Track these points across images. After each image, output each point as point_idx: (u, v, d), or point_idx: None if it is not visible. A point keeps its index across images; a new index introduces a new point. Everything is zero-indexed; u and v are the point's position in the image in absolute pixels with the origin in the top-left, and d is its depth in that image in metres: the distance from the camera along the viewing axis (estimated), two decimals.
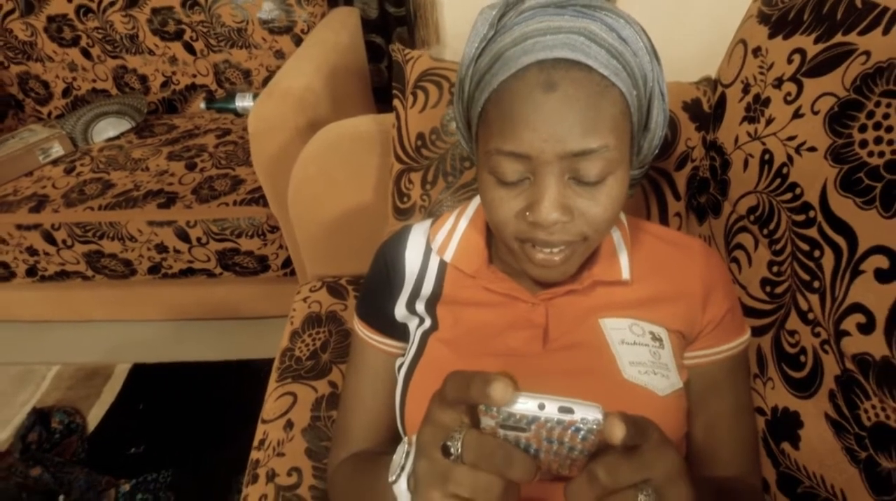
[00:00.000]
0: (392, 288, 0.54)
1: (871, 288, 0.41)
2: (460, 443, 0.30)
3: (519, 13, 0.42)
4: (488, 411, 0.29)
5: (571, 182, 0.41)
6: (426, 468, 0.31)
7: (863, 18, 0.45)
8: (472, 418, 0.31)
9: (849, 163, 0.44)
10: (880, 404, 0.39)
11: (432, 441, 0.31)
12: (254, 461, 0.63)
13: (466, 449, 0.30)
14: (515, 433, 0.30)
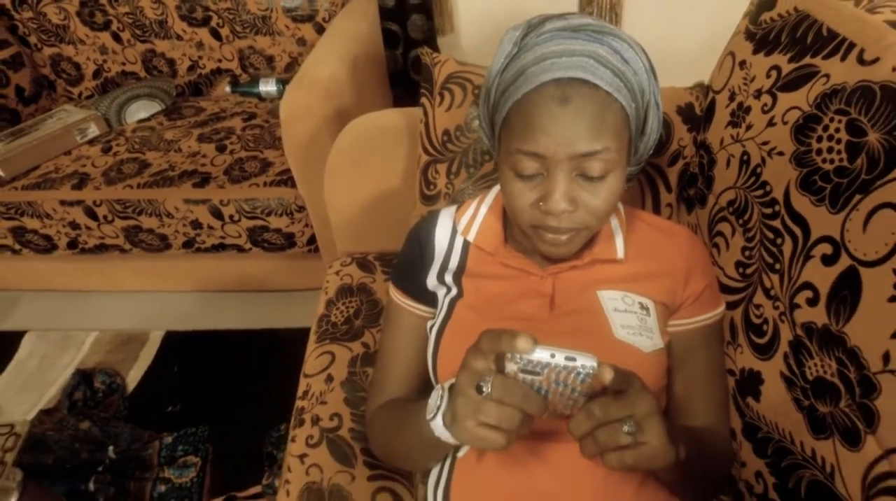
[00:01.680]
0: (424, 262, 0.65)
1: (817, 270, 0.51)
2: (490, 384, 0.40)
3: (539, 35, 0.51)
4: (513, 358, 0.40)
5: (578, 178, 0.50)
6: (463, 403, 0.42)
7: (826, 45, 0.54)
8: (498, 366, 0.42)
9: (807, 168, 0.53)
10: (820, 362, 0.50)
11: (468, 383, 0.42)
12: (299, 408, 0.74)
13: (494, 389, 0.40)
14: (531, 376, 0.41)
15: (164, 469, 1.10)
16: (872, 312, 0.45)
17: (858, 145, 0.48)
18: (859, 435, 0.46)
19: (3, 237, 1.36)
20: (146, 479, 1.09)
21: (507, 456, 0.52)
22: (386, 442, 0.62)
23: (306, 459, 0.67)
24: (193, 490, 1.07)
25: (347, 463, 0.67)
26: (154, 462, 1.11)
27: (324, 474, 0.66)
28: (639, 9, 1.61)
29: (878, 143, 0.47)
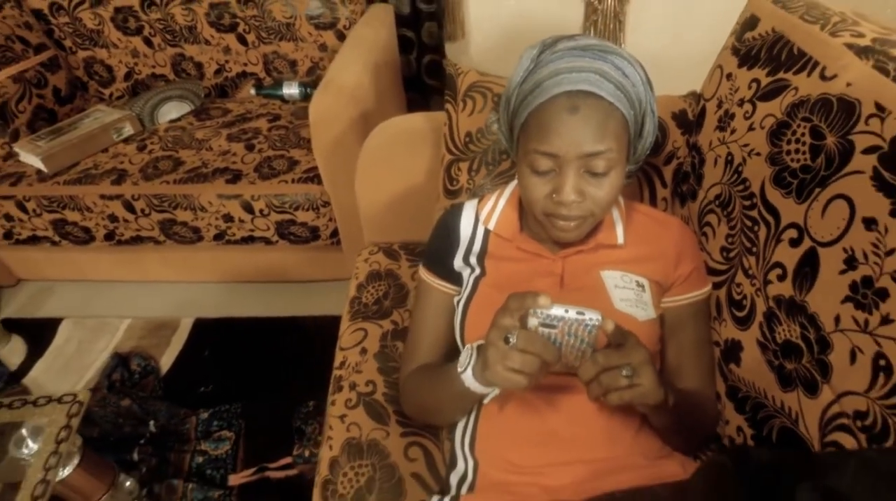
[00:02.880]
0: (451, 246, 0.75)
1: (786, 251, 0.61)
2: (515, 336, 0.51)
3: (552, 53, 0.61)
4: (534, 314, 0.51)
5: (585, 174, 0.61)
6: (493, 352, 0.52)
7: (796, 62, 0.65)
8: (521, 323, 0.52)
9: (779, 166, 0.64)
10: (787, 327, 0.60)
11: (498, 336, 0.52)
12: (336, 377, 0.85)
13: (519, 340, 0.51)
14: (549, 330, 0.51)
15: (200, 443, 1.21)
16: (827, 283, 0.56)
17: (819, 147, 0.59)
18: (817, 385, 0.56)
19: (44, 229, 1.46)
20: (185, 451, 1.19)
21: (525, 406, 0.63)
22: (418, 401, 0.73)
23: (346, 418, 0.78)
24: (228, 461, 1.18)
25: (382, 422, 0.77)
26: (192, 436, 1.22)
27: (362, 431, 0.76)
28: (641, 18, 1.72)
29: (833, 146, 0.57)
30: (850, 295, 0.52)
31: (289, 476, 1.15)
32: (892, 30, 0.65)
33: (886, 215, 0.50)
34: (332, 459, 0.74)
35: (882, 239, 0.50)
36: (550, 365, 0.52)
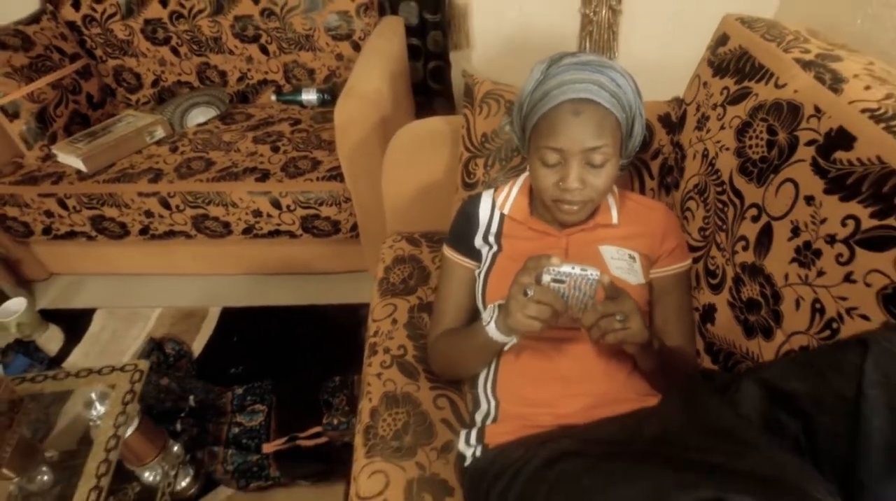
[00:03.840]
0: (472, 228, 0.90)
1: (748, 227, 0.76)
2: (532, 291, 0.66)
3: (558, 67, 0.77)
4: (547, 271, 0.65)
5: (585, 166, 0.76)
6: (514, 303, 0.67)
7: (756, 73, 0.81)
8: (536, 280, 0.67)
9: (743, 158, 0.79)
10: (750, 287, 0.75)
11: (518, 290, 0.67)
12: (371, 344, 0.99)
13: (535, 293, 0.66)
14: (558, 285, 0.66)
15: (236, 415, 1.34)
16: (779, 249, 0.71)
17: (773, 141, 0.74)
18: (772, 330, 0.71)
19: (81, 225, 1.60)
20: (222, 423, 1.33)
21: (537, 353, 0.78)
22: (446, 358, 0.88)
23: (382, 376, 0.93)
24: (262, 431, 1.31)
25: (413, 378, 0.92)
26: (228, 410, 1.36)
27: (396, 385, 0.91)
28: (632, 28, 1.89)
29: (784, 140, 0.73)
30: (795, 257, 0.68)
31: (318, 444, 1.29)
32: (835, 46, 0.82)
33: (821, 193, 0.65)
34: (373, 409, 0.88)
35: (818, 211, 0.65)
36: (559, 313, 0.67)
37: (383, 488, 0.78)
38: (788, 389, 0.48)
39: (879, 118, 0.61)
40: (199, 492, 1.25)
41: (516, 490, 0.61)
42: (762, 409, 0.49)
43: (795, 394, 0.47)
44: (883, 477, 0.39)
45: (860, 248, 0.59)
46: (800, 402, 0.46)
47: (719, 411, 0.53)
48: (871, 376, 0.40)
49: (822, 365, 0.46)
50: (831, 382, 0.43)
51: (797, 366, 0.50)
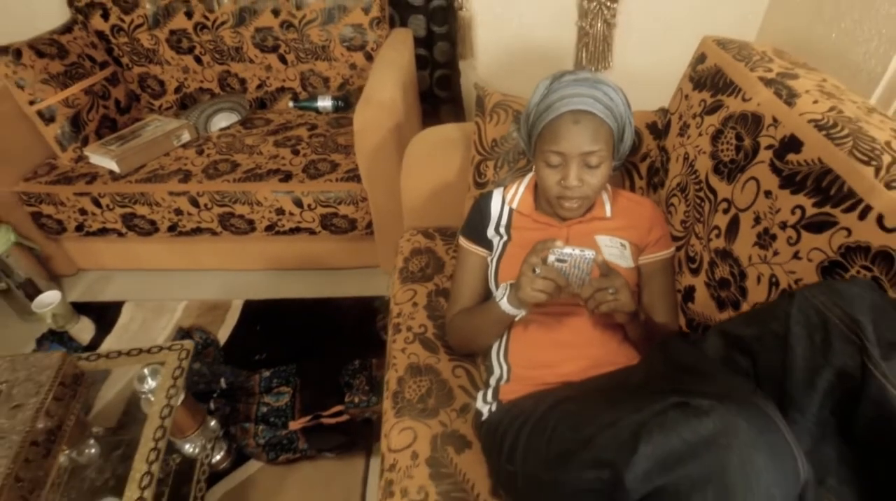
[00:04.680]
0: (484, 220, 1.05)
1: (721, 218, 0.92)
2: (539, 268, 0.81)
3: (560, 83, 0.92)
4: (552, 252, 0.81)
5: (583, 167, 0.91)
6: (525, 279, 0.82)
7: (727, 88, 0.97)
8: (542, 260, 0.82)
9: (716, 160, 0.95)
10: (721, 268, 0.91)
11: (528, 268, 0.82)
12: (395, 324, 1.14)
13: (542, 270, 0.81)
14: (561, 264, 0.81)
15: (263, 396, 1.48)
16: (744, 235, 0.86)
17: (740, 146, 0.90)
18: (739, 303, 0.87)
19: (113, 222, 1.74)
20: (251, 403, 1.47)
21: (543, 325, 0.93)
22: (463, 333, 1.02)
23: (406, 350, 1.07)
24: (287, 411, 1.45)
25: (434, 352, 1.07)
26: (256, 391, 1.49)
27: (419, 358, 1.05)
28: (625, 41, 2.05)
29: (748, 145, 0.88)
30: (756, 241, 0.83)
31: (339, 422, 1.43)
32: (796, 65, 0.98)
33: (777, 187, 0.81)
34: (399, 378, 1.03)
35: (774, 203, 0.81)
36: (562, 288, 0.82)
37: (412, 441, 0.93)
38: (740, 334, 0.63)
39: (822, 127, 0.77)
40: (231, 466, 1.38)
41: (526, 431, 0.76)
42: (722, 353, 0.64)
43: (745, 338, 0.62)
44: (803, 388, 0.54)
45: (805, 232, 0.74)
46: (748, 343, 0.61)
47: (687, 353, 0.68)
48: (796, 317, 0.55)
49: (763, 314, 0.61)
50: (769, 325, 0.58)
51: (747, 318, 0.65)
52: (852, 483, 0.55)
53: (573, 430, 0.65)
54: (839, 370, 0.51)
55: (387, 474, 0.91)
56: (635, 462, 0.51)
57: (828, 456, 0.54)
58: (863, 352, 0.49)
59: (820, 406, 0.53)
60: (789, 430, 0.49)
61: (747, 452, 0.47)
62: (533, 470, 0.71)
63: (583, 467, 0.60)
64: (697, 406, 0.51)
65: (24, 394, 1.02)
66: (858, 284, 0.55)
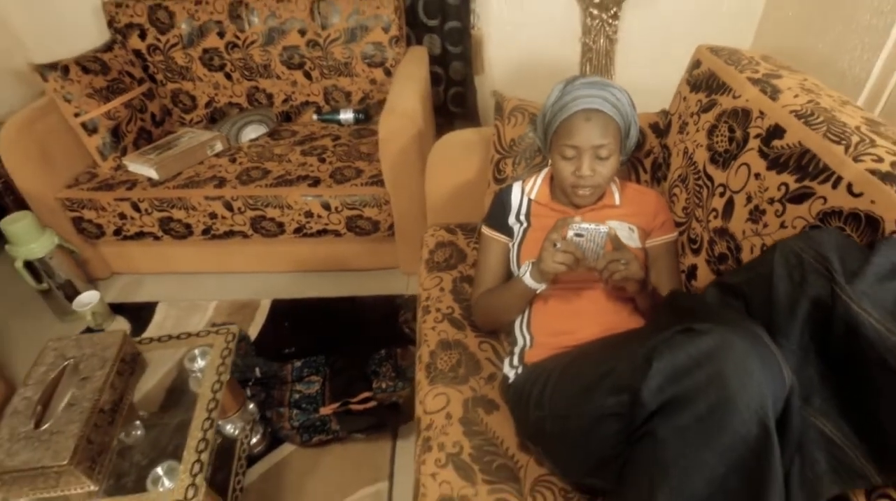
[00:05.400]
0: (505, 210, 1.18)
1: (718, 201, 1.05)
2: (560, 243, 0.94)
3: (573, 86, 1.06)
4: (571, 228, 0.94)
5: (595, 159, 1.05)
6: (546, 253, 0.95)
7: (720, 89, 1.11)
8: (562, 236, 0.95)
9: (712, 151, 1.08)
10: (720, 245, 1.03)
11: (549, 244, 0.95)
12: (424, 306, 1.26)
13: (562, 244, 0.94)
14: (578, 238, 0.94)
15: (295, 385, 1.59)
16: (738, 214, 0.99)
17: (732, 137, 1.04)
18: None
19: (150, 226, 1.87)
20: (284, 390, 1.58)
21: (561, 298, 1.05)
22: (487, 311, 1.14)
23: (436, 328, 1.19)
24: (318, 397, 1.56)
25: (461, 330, 1.19)
26: (288, 379, 1.61)
27: (448, 335, 1.17)
28: (626, 55, 2.22)
29: (740, 136, 1.02)
30: (749, 217, 0.96)
31: (367, 408, 1.53)
32: (780, 67, 1.12)
33: (764, 170, 0.94)
34: (431, 352, 1.15)
35: (762, 183, 0.94)
36: (579, 261, 0.94)
37: (445, 404, 1.04)
38: (733, 282, 0.75)
39: (801, 116, 0.91)
40: (266, 450, 1.49)
41: (553, 379, 0.88)
42: (718, 299, 0.76)
43: (738, 284, 0.74)
44: (786, 318, 0.65)
45: (789, 204, 0.87)
46: (741, 288, 0.73)
47: (689, 300, 0.80)
48: (778, 261, 0.68)
49: (752, 264, 0.74)
50: (758, 269, 0.71)
51: (740, 270, 0.77)
52: (833, 400, 0.66)
53: (594, 367, 0.77)
54: (814, 299, 0.63)
55: (424, 433, 1.02)
56: (650, 377, 0.63)
57: (811, 377, 0.66)
58: (832, 281, 0.61)
59: (801, 332, 0.65)
60: (775, 345, 0.61)
61: (741, 360, 0.59)
62: (560, 409, 0.82)
63: (604, 395, 0.72)
64: (699, 329, 0.63)
65: (91, 368, 1.14)
66: (827, 231, 0.67)
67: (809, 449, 0.68)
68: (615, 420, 0.72)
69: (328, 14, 1.98)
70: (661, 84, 1.66)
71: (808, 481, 0.68)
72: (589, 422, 0.75)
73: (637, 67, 2.22)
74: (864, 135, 0.81)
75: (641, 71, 2.22)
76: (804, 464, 0.68)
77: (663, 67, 2.10)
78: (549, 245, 0.95)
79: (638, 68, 2.23)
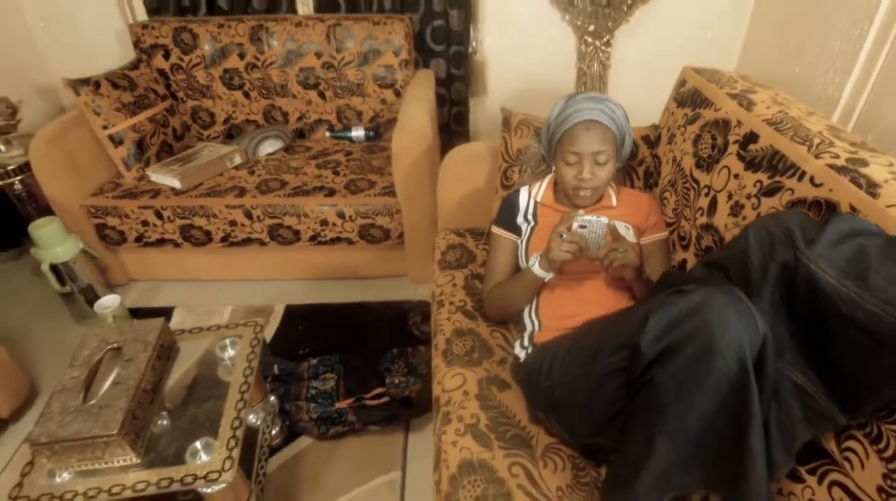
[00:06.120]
0: (514, 211, 1.32)
1: (703, 200, 1.20)
2: (566, 234, 1.08)
3: (574, 100, 1.22)
4: (575, 220, 1.08)
5: (594, 163, 1.19)
6: (554, 243, 1.09)
7: (704, 103, 1.27)
8: (567, 228, 1.09)
9: (697, 158, 1.24)
10: (706, 239, 1.17)
11: (556, 235, 1.09)
12: (438, 300, 1.38)
13: (567, 235, 1.08)
14: (582, 229, 1.08)
15: (311, 381, 1.69)
16: (721, 210, 1.13)
17: (714, 144, 1.19)
18: None
19: (171, 233, 1.99)
20: (301, 386, 1.68)
21: (566, 286, 1.18)
22: (498, 301, 1.27)
23: (450, 319, 1.32)
24: (333, 393, 1.66)
25: (474, 320, 1.31)
26: (304, 376, 1.71)
27: (462, 324, 1.30)
28: (618, 80, 2.41)
29: (721, 143, 1.17)
30: (730, 212, 1.10)
31: (380, 403, 1.63)
32: (756, 85, 1.28)
33: (742, 170, 1.09)
34: (447, 339, 1.27)
35: (741, 182, 1.09)
36: (583, 250, 1.08)
37: (462, 383, 1.16)
38: (715, 258, 0.89)
39: (771, 123, 1.06)
40: (283, 442, 1.58)
41: (561, 352, 1.00)
42: (703, 274, 0.90)
43: (720, 260, 0.88)
44: (759, 281, 0.79)
45: (764, 198, 1.01)
46: (722, 263, 0.87)
47: (678, 276, 0.93)
48: (752, 237, 0.81)
49: (731, 242, 0.88)
50: (735, 246, 0.84)
51: (721, 249, 0.91)
52: (802, 354, 0.79)
53: (597, 336, 0.90)
54: (782, 263, 0.77)
55: (443, 408, 1.13)
56: (647, 331, 0.76)
57: (782, 334, 0.79)
58: (794, 248, 0.75)
59: (772, 292, 0.78)
60: (750, 302, 0.74)
61: (721, 312, 0.72)
62: (569, 375, 0.95)
63: (608, 355, 0.85)
64: (687, 289, 0.76)
65: (134, 351, 1.24)
66: (791, 211, 0.82)
67: (785, 399, 0.80)
68: (618, 376, 0.84)
69: (343, 38, 2.16)
70: (651, 103, 1.83)
71: (785, 427, 0.80)
72: (595, 383, 0.88)
73: (628, 90, 2.41)
74: (825, 137, 0.97)
75: (632, 93, 2.40)
76: (781, 411, 0.80)
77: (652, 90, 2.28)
78: (557, 236, 1.08)
79: (629, 91, 2.41)
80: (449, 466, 1.00)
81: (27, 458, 1.14)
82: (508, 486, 0.96)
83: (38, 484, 1.10)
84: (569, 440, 1.02)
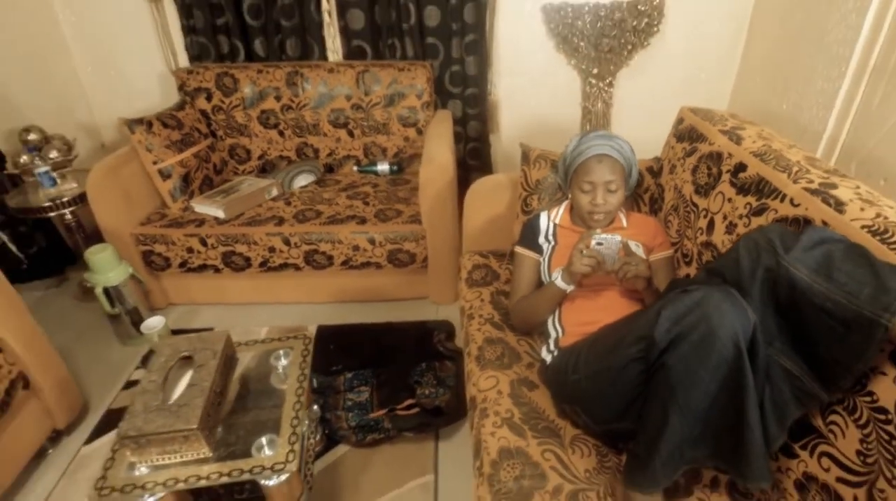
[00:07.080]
0: (536, 233, 1.52)
1: (702, 222, 1.39)
2: (585, 250, 1.27)
3: (587, 138, 1.43)
4: (594, 237, 1.27)
5: (606, 191, 1.39)
6: (575, 258, 1.28)
7: (699, 138, 1.48)
8: (586, 245, 1.28)
9: (696, 185, 1.44)
10: (706, 255, 1.36)
11: (577, 251, 1.28)
12: (468, 314, 1.56)
13: (587, 250, 1.27)
14: (599, 246, 1.28)
15: (346, 393, 1.85)
16: (718, 229, 1.32)
17: (710, 173, 1.39)
18: None
19: (213, 259, 2.18)
20: (338, 398, 1.83)
21: (586, 297, 1.36)
22: (524, 313, 1.45)
23: (481, 330, 1.49)
24: (367, 404, 1.81)
25: (501, 330, 1.48)
26: (341, 389, 1.87)
27: (492, 334, 1.47)
28: (621, 118, 2.64)
29: (715, 173, 1.37)
30: (725, 230, 1.29)
31: (412, 413, 1.78)
32: (745, 122, 1.49)
33: (735, 195, 1.28)
34: (479, 347, 1.44)
35: (734, 205, 1.28)
36: (600, 264, 1.26)
37: (496, 384, 1.32)
38: (714, 265, 1.07)
39: (757, 154, 1.27)
40: (323, 450, 1.73)
41: (585, 349, 1.17)
42: (704, 278, 1.08)
43: (717, 267, 1.06)
44: (748, 282, 0.96)
45: (753, 217, 1.20)
46: (719, 269, 1.05)
47: (683, 281, 1.11)
48: (741, 245, 1.00)
49: (726, 252, 1.06)
50: (729, 255, 1.03)
51: (718, 258, 1.10)
52: (788, 343, 0.96)
53: (617, 332, 1.08)
54: (766, 267, 0.95)
55: (480, 405, 1.29)
56: (660, 324, 0.94)
57: (771, 326, 0.96)
58: (776, 254, 0.94)
59: (760, 291, 0.96)
60: (741, 298, 0.92)
61: (719, 305, 0.90)
62: (593, 368, 1.12)
63: (627, 346, 1.02)
64: (690, 289, 0.94)
65: (204, 358, 1.41)
66: (772, 225, 1.01)
67: (777, 382, 0.97)
68: (636, 364, 1.01)
69: (371, 83, 2.40)
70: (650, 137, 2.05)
71: (778, 405, 0.97)
72: (616, 372, 1.05)
73: (629, 128, 2.64)
74: (802, 166, 1.17)
75: (632, 129, 2.61)
76: (773, 393, 0.97)
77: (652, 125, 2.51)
78: (578, 252, 1.27)
79: (630, 128, 2.63)
80: (489, 453, 1.16)
81: (84, 467, 1.29)
82: (543, 468, 1.11)
83: (119, 477, 1.26)
84: (593, 427, 1.19)
